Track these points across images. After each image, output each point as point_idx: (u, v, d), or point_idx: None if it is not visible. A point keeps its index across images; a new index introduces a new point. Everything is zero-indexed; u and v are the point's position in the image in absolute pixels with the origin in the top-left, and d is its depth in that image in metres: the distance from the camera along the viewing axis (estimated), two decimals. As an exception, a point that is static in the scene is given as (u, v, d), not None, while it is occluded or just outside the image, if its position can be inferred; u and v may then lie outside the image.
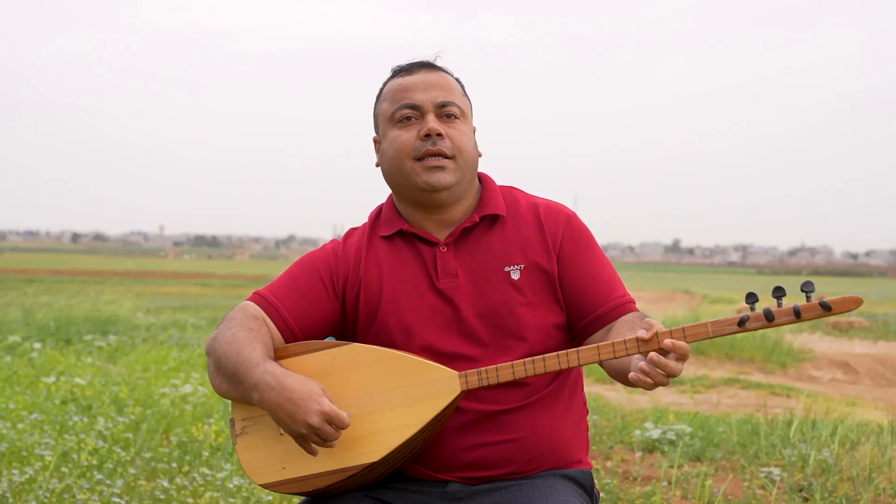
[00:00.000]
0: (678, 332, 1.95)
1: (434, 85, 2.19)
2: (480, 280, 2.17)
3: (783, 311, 1.94)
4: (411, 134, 2.17)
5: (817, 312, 1.93)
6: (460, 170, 2.18)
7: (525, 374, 2.03)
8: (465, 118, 2.22)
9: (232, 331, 2.11)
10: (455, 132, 2.18)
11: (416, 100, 2.18)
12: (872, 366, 12.32)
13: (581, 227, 2.24)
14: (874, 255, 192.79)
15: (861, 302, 1.91)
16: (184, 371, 8.23)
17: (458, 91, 2.23)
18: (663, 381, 1.92)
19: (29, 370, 7.53)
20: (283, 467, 2.07)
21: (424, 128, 2.16)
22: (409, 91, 2.19)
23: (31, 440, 4.89)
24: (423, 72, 2.21)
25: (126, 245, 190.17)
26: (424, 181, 2.15)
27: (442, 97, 2.18)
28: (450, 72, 2.25)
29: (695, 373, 11.02)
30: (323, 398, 1.98)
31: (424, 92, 2.18)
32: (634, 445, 5.91)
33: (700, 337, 1.95)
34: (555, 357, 2.02)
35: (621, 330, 2.11)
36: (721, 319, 1.96)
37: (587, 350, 2.00)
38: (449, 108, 2.19)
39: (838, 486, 4.75)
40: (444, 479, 2.14)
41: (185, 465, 4.84)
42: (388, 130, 2.21)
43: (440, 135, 2.16)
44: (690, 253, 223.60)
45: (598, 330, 2.17)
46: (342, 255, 2.24)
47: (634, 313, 2.16)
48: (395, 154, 2.18)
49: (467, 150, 2.19)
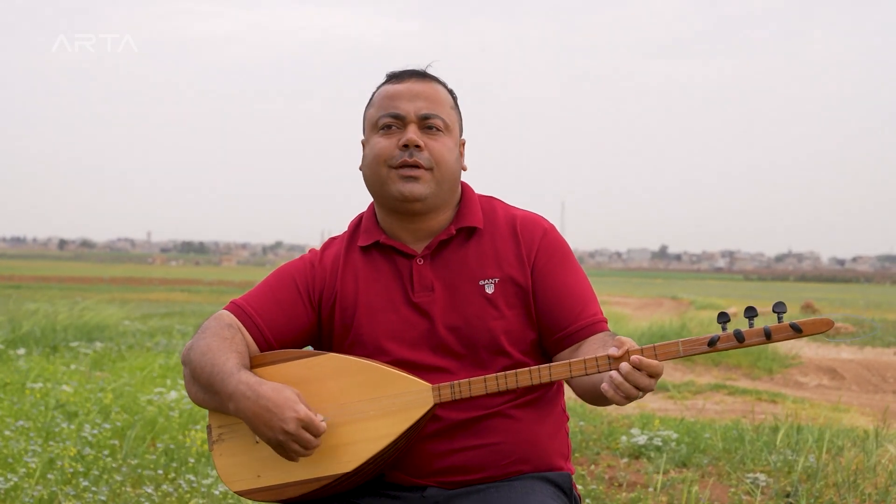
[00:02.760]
0: (649, 350, 1.95)
1: (420, 95, 2.18)
2: (455, 293, 2.17)
3: (754, 332, 1.95)
4: (391, 142, 2.17)
5: (788, 334, 1.93)
6: (436, 182, 2.17)
7: (497, 389, 2.04)
8: (448, 131, 2.20)
9: (206, 340, 2.12)
10: (435, 144, 2.17)
11: (400, 109, 2.17)
12: (859, 371, 12.37)
13: (558, 240, 2.23)
14: (861, 260, 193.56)
15: (832, 324, 1.91)
16: (170, 378, 8.21)
17: (447, 103, 2.21)
18: (633, 393, 1.93)
19: (15, 377, 7.49)
20: (258, 475, 2.09)
21: (403, 138, 2.16)
22: (395, 99, 2.18)
23: (17, 447, 4.87)
24: (412, 81, 2.20)
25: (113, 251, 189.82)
26: (398, 190, 2.16)
27: (426, 109, 2.18)
28: (443, 82, 2.24)
29: (681, 379, 11.05)
30: (299, 404, 1.99)
31: (410, 102, 2.18)
32: (621, 451, 5.91)
33: (671, 356, 1.95)
34: (526, 372, 2.03)
35: (591, 348, 2.11)
36: (692, 339, 1.96)
37: (559, 366, 2.01)
38: (432, 121, 2.18)
39: (824, 492, 4.76)
40: (422, 484, 2.14)
41: (172, 471, 4.83)
42: (370, 136, 2.22)
43: (418, 146, 2.15)
44: (678, 259, 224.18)
45: (567, 347, 2.17)
46: (319, 267, 2.24)
47: (605, 333, 2.16)
48: (373, 160, 2.19)
49: (446, 163, 2.18)
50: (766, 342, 1.94)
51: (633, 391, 1.92)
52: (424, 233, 2.21)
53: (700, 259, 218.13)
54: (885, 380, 11.78)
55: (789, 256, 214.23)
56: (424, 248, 2.20)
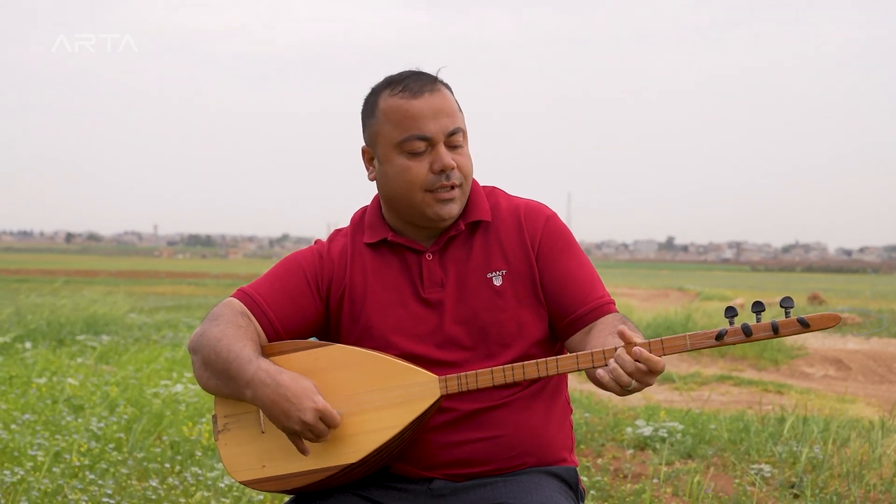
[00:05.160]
0: (657, 344, 1.95)
1: (442, 111, 2.14)
2: (464, 287, 2.18)
3: (761, 327, 1.96)
4: (423, 166, 2.13)
5: (795, 329, 1.94)
6: (465, 195, 2.19)
7: (504, 381, 2.04)
8: (465, 138, 2.19)
9: (220, 327, 2.11)
10: (463, 160, 2.16)
11: (426, 131, 2.12)
12: (865, 362, 12.34)
13: (560, 227, 2.23)
14: (868, 251, 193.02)
15: (839, 319, 1.92)
16: (176, 371, 8.23)
17: (458, 109, 2.18)
18: (624, 381, 1.90)
19: (21, 371, 7.52)
20: (263, 465, 2.09)
21: (438, 162, 2.12)
22: (418, 120, 2.12)
23: (23, 441, 4.89)
24: (427, 94, 2.13)
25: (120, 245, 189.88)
26: (435, 213, 2.15)
27: (451, 125, 2.14)
28: (448, 86, 2.20)
29: (687, 370, 11.04)
30: (317, 395, 2.00)
31: (434, 121, 2.13)
32: (626, 443, 5.91)
33: (679, 349, 1.95)
34: (534, 365, 2.03)
35: (602, 333, 2.10)
36: (699, 333, 1.97)
37: (566, 359, 2.01)
38: (456, 137, 2.15)
39: (829, 483, 4.76)
40: (429, 476, 2.15)
41: (177, 464, 4.85)
42: (393, 157, 2.16)
43: (453, 168, 2.14)
44: (684, 250, 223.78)
45: (578, 331, 2.17)
46: (327, 258, 2.24)
47: (615, 315, 2.16)
48: (405, 185, 2.15)
49: (470, 174, 2.19)
50: (774, 337, 1.96)
51: (626, 379, 1.90)
52: (434, 230, 2.21)
53: (707, 250, 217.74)
54: (891, 370, 11.76)
55: (796, 247, 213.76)
56: (433, 244, 2.20)
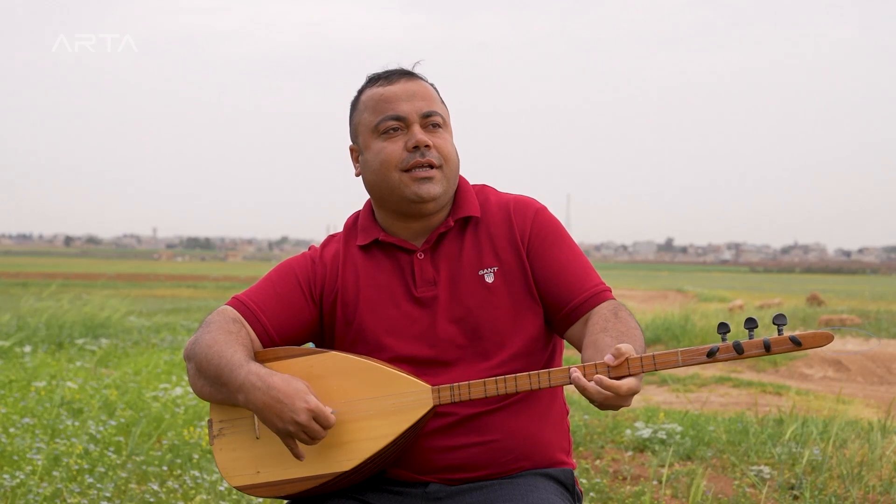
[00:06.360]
0: (648, 359, 1.92)
1: (416, 94, 2.18)
2: (456, 286, 2.17)
3: (753, 344, 1.92)
4: (398, 145, 2.16)
5: (787, 347, 1.91)
6: (447, 179, 2.18)
7: (497, 393, 2.03)
8: (446, 126, 2.22)
9: (212, 334, 2.12)
10: (440, 141, 2.18)
11: (400, 110, 2.16)
12: (864, 363, 12.34)
13: (549, 219, 2.22)
14: (867, 252, 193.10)
15: (832, 338, 1.88)
16: (175, 374, 8.23)
17: (438, 99, 2.23)
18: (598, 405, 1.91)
19: (20, 374, 7.52)
20: (258, 471, 2.10)
21: (412, 139, 2.15)
22: (392, 102, 2.17)
23: (22, 444, 4.88)
24: (403, 81, 2.19)
25: (119, 248, 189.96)
26: (413, 192, 2.15)
27: (426, 107, 2.18)
28: (427, 79, 2.24)
29: (686, 371, 11.04)
30: (309, 395, 2.00)
31: (408, 102, 2.17)
32: (625, 445, 5.91)
33: (670, 365, 1.93)
34: (526, 377, 2.01)
35: (595, 329, 2.08)
36: (691, 349, 1.94)
37: (558, 372, 2.00)
38: (433, 118, 2.18)
39: (828, 484, 4.76)
40: (424, 481, 2.14)
41: (177, 468, 4.85)
42: (371, 142, 2.19)
43: (428, 146, 2.15)
44: (683, 251, 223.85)
45: (575, 322, 2.16)
46: (320, 263, 2.25)
47: (610, 303, 2.14)
48: (380, 166, 2.17)
49: (452, 159, 2.20)
50: (765, 354, 1.92)
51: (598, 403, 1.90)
52: (424, 228, 2.22)
53: (706, 251, 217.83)
54: (890, 371, 11.76)
55: (795, 248, 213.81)
56: (424, 243, 2.21)
